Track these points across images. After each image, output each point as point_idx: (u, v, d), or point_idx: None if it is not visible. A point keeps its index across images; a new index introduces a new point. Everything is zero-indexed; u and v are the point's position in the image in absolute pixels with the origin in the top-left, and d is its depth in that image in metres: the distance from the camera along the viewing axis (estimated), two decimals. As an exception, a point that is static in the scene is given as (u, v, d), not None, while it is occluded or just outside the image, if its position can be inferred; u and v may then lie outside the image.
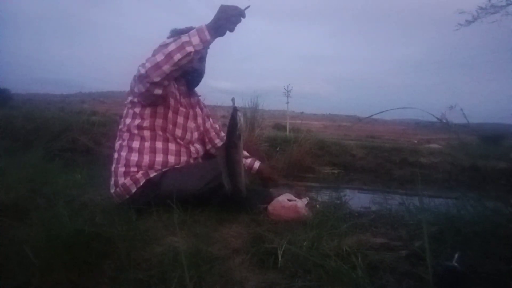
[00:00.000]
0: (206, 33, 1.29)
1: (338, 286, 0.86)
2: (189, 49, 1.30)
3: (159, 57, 1.32)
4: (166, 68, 1.32)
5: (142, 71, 1.35)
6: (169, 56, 1.31)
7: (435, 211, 1.53)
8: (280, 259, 0.99)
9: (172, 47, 1.31)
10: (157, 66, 1.32)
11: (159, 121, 1.55)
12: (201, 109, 1.83)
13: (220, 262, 1.00)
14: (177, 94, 1.63)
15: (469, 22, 6.08)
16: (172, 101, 1.58)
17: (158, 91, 1.40)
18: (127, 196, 1.49)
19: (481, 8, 5.80)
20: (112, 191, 1.53)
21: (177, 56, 1.31)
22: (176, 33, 1.60)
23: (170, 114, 1.57)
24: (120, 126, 1.61)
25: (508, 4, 5.51)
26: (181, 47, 1.31)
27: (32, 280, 0.82)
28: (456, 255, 0.94)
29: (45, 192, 1.56)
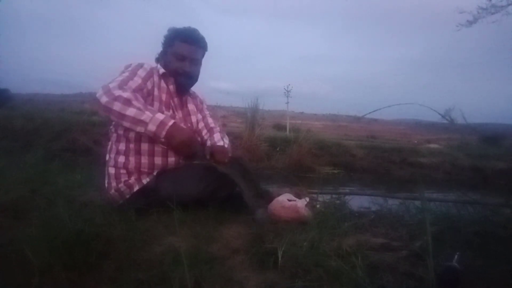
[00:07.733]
0: (164, 132, 1.31)
1: (338, 286, 0.86)
2: (140, 129, 1.31)
3: (116, 106, 1.29)
4: (114, 114, 1.31)
5: (104, 91, 1.32)
6: (122, 115, 1.30)
7: (435, 211, 1.54)
8: (280, 259, 0.99)
9: (130, 113, 1.29)
10: (108, 107, 1.30)
11: None
12: (196, 106, 1.77)
13: (220, 262, 1.00)
14: (164, 96, 1.57)
15: (469, 22, 6.10)
16: (156, 104, 1.53)
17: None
18: (121, 201, 1.50)
19: (481, 8, 5.81)
20: (108, 194, 1.53)
21: (126, 123, 1.32)
22: (174, 33, 1.61)
23: None
24: (110, 127, 1.60)
25: (508, 4, 5.51)
26: (136, 121, 1.30)
27: (32, 280, 0.82)
28: (456, 255, 0.95)
29: (45, 192, 1.56)
